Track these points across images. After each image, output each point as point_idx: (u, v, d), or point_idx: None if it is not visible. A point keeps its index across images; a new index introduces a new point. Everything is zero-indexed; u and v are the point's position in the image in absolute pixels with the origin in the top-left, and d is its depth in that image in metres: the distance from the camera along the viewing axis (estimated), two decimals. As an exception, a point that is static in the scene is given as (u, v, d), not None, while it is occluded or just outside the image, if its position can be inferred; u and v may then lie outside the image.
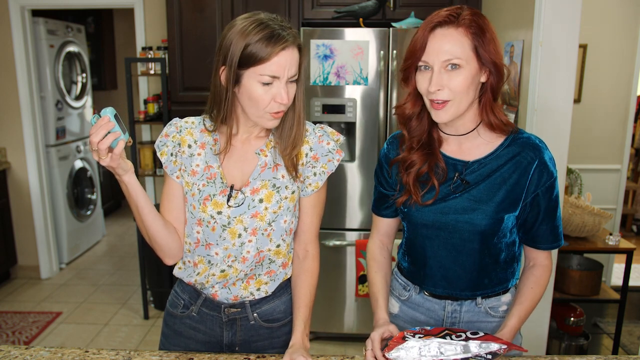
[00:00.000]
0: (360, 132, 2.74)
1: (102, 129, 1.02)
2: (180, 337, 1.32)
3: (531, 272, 1.22)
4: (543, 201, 1.16)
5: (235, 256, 1.22)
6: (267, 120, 1.16)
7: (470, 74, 1.08)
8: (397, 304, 1.33)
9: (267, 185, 1.21)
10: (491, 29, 1.10)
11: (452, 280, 1.23)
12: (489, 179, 1.15)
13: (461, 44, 1.07)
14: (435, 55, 1.08)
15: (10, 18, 3.61)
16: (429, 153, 1.20)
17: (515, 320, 1.16)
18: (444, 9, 1.11)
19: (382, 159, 1.30)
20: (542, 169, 1.14)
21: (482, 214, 1.15)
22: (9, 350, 1.21)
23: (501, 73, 1.11)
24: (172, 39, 2.94)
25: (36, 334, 3.15)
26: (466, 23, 1.07)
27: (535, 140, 1.17)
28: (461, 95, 1.10)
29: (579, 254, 2.76)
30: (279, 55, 1.09)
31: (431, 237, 1.22)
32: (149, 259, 3.33)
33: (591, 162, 3.64)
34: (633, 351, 2.99)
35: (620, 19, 3.51)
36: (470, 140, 1.19)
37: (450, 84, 1.08)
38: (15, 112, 3.77)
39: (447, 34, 1.07)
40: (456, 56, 1.07)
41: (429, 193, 1.19)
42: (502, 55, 1.14)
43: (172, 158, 1.24)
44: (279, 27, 1.11)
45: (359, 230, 2.85)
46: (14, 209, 3.92)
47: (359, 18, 2.81)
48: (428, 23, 1.10)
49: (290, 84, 1.14)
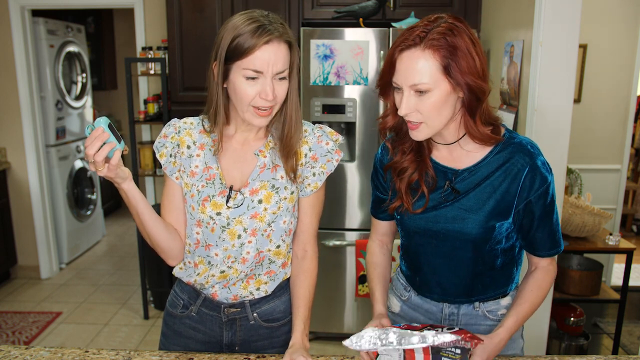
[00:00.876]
0: (360, 132, 2.74)
1: (97, 140, 1.01)
2: (180, 337, 1.32)
3: (533, 275, 1.21)
4: (537, 207, 1.13)
5: (235, 257, 1.22)
6: (253, 117, 1.14)
7: (440, 96, 1.04)
8: (398, 304, 1.34)
9: (266, 186, 1.21)
10: (466, 42, 1.02)
11: (446, 286, 1.22)
12: (479, 188, 1.14)
13: (427, 66, 1.02)
14: (403, 79, 1.05)
15: (10, 18, 3.61)
16: (419, 160, 1.19)
17: (511, 321, 1.15)
18: (419, 24, 1.05)
19: (376, 163, 1.30)
20: (534, 175, 1.11)
21: (472, 223, 1.14)
22: (9, 350, 1.21)
23: (476, 92, 1.05)
24: (172, 39, 2.94)
25: (36, 334, 3.15)
26: (434, 43, 1.01)
27: (527, 145, 1.13)
28: (433, 117, 1.06)
29: (579, 254, 2.76)
30: (261, 49, 1.08)
31: (424, 244, 1.21)
32: (149, 259, 3.33)
33: (591, 162, 3.64)
34: (633, 351, 2.99)
35: (620, 19, 3.51)
36: (460, 148, 1.17)
37: (420, 107, 1.05)
38: (15, 112, 3.77)
39: (413, 57, 1.03)
40: (422, 81, 1.02)
41: (420, 201, 1.18)
42: (482, 67, 1.05)
43: (171, 159, 1.23)
44: (266, 22, 1.09)
45: (359, 230, 2.84)
46: (14, 209, 3.92)
47: (359, 18, 2.81)
48: (397, 44, 1.06)
49: (278, 81, 1.12)
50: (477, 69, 1.04)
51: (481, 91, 1.05)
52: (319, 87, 2.71)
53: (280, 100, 1.14)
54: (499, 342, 1.12)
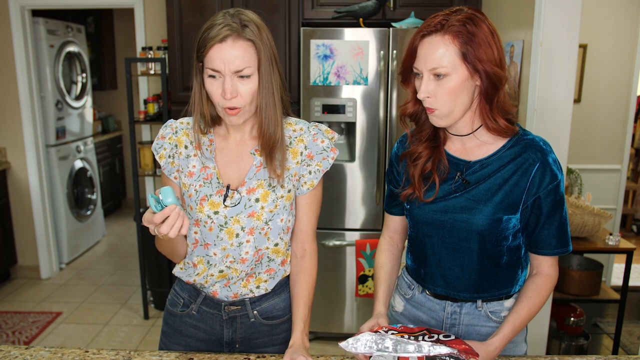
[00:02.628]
0: (360, 132, 2.74)
1: (176, 222, 1.01)
2: (180, 335, 1.32)
3: (532, 281, 1.20)
4: (545, 204, 1.14)
5: (234, 257, 1.22)
6: (225, 116, 1.16)
7: (458, 82, 1.08)
8: (402, 302, 1.34)
9: (262, 185, 1.21)
10: (485, 31, 1.07)
11: (450, 280, 1.23)
12: (490, 180, 1.15)
13: (446, 51, 1.06)
14: (423, 63, 1.10)
15: (10, 18, 3.61)
16: (434, 147, 1.21)
17: (508, 329, 1.15)
18: (440, 13, 1.10)
19: (392, 157, 1.32)
20: (544, 171, 1.12)
21: (479, 214, 1.15)
22: (9, 350, 1.21)
23: (493, 79, 1.08)
24: (172, 39, 2.94)
25: (36, 334, 3.15)
26: (453, 30, 1.06)
27: (539, 142, 1.15)
28: (450, 102, 1.10)
29: (579, 254, 2.76)
30: (214, 48, 1.09)
31: (431, 235, 1.22)
32: (149, 259, 3.33)
33: (591, 162, 3.64)
34: (633, 351, 2.99)
35: (620, 19, 3.52)
36: (473, 140, 1.19)
37: (438, 91, 1.09)
38: (15, 112, 3.77)
39: (434, 42, 1.08)
40: (441, 65, 1.07)
41: (431, 190, 1.20)
42: (500, 57, 1.10)
43: (170, 160, 1.24)
44: (225, 22, 1.09)
45: (359, 231, 2.84)
46: (14, 209, 3.92)
47: (359, 18, 2.81)
48: (419, 31, 1.11)
49: (240, 80, 1.11)
50: (494, 57, 1.08)
51: (498, 78, 1.09)
52: (319, 87, 2.71)
53: (245, 99, 1.13)
54: (494, 350, 1.13)
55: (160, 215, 1.00)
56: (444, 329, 1.26)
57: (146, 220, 1.03)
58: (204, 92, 1.18)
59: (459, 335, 1.25)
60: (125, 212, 5.84)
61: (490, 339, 1.14)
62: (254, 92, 1.14)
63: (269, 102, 1.16)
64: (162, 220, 1.01)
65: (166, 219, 1.01)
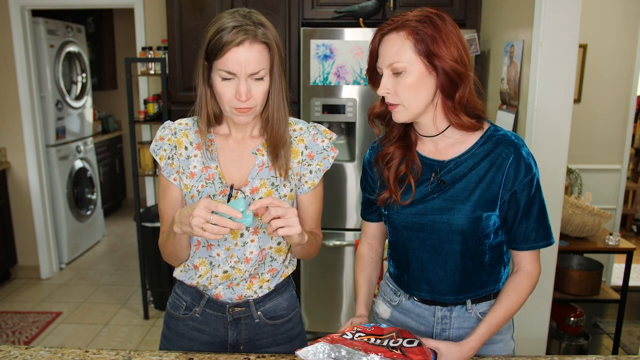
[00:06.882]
0: (360, 132, 2.74)
1: (224, 230, 1.03)
2: (182, 339, 1.31)
3: (511, 279, 1.19)
4: (522, 198, 1.13)
5: (238, 257, 1.22)
6: (233, 115, 1.16)
7: (415, 77, 1.08)
8: (388, 309, 1.32)
9: (265, 184, 1.21)
10: (444, 29, 1.07)
11: (434, 283, 1.21)
12: (466, 178, 1.14)
13: (402, 47, 1.07)
14: (382, 60, 1.11)
15: (10, 18, 3.61)
16: (406, 146, 1.20)
17: (484, 328, 1.14)
18: (401, 13, 1.11)
19: (365, 164, 1.31)
20: (519, 165, 1.12)
21: (458, 214, 1.14)
22: (9, 350, 1.21)
23: (452, 76, 1.08)
24: (172, 39, 2.94)
25: (36, 334, 3.15)
26: (410, 25, 1.07)
27: (511, 136, 1.15)
28: (409, 98, 1.10)
29: (579, 254, 2.76)
30: (232, 50, 1.08)
31: (411, 239, 1.21)
32: (149, 259, 3.33)
33: (591, 162, 3.64)
34: (633, 351, 2.99)
35: (620, 19, 3.51)
36: (444, 140, 1.18)
37: (397, 88, 1.10)
38: (15, 112, 3.77)
39: (391, 39, 1.09)
40: (397, 60, 1.07)
41: (408, 193, 1.19)
42: (462, 54, 1.08)
43: (169, 161, 1.24)
44: (242, 23, 1.09)
45: (359, 230, 2.83)
46: (14, 209, 3.92)
47: (359, 18, 2.81)
48: (379, 30, 1.12)
49: (254, 82, 1.12)
50: (453, 54, 1.07)
51: (457, 75, 1.08)
52: (319, 87, 2.71)
53: (258, 100, 1.14)
54: (469, 351, 1.12)
55: (230, 212, 1.03)
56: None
57: (208, 206, 1.03)
58: (209, 92, 1.17)
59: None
60: (125, 212, 5.83)
61: (465, 339, 1.13)
62: (266, 93, 1.15)
63: (280, 102, 1.18)
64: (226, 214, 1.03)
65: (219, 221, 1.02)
